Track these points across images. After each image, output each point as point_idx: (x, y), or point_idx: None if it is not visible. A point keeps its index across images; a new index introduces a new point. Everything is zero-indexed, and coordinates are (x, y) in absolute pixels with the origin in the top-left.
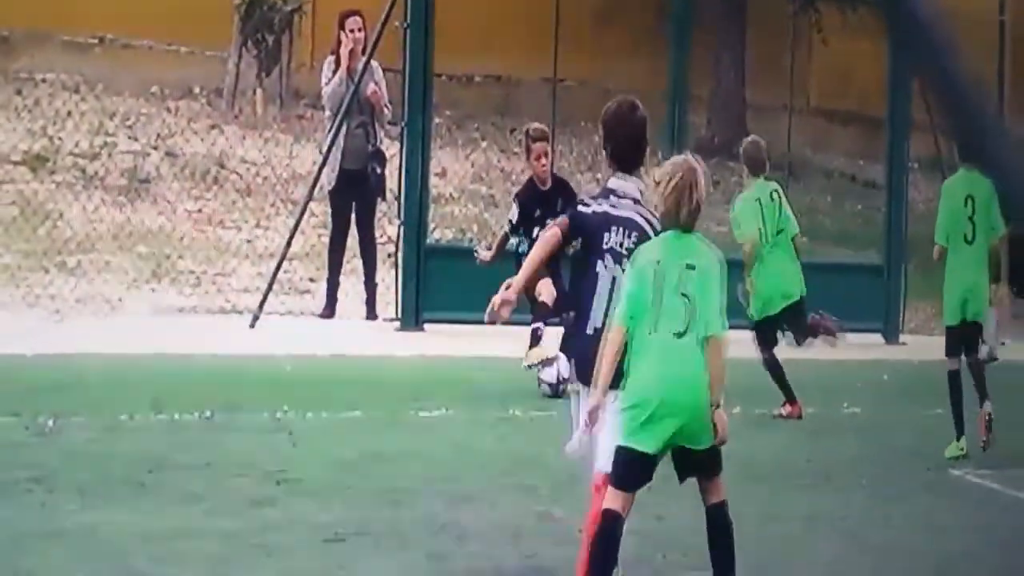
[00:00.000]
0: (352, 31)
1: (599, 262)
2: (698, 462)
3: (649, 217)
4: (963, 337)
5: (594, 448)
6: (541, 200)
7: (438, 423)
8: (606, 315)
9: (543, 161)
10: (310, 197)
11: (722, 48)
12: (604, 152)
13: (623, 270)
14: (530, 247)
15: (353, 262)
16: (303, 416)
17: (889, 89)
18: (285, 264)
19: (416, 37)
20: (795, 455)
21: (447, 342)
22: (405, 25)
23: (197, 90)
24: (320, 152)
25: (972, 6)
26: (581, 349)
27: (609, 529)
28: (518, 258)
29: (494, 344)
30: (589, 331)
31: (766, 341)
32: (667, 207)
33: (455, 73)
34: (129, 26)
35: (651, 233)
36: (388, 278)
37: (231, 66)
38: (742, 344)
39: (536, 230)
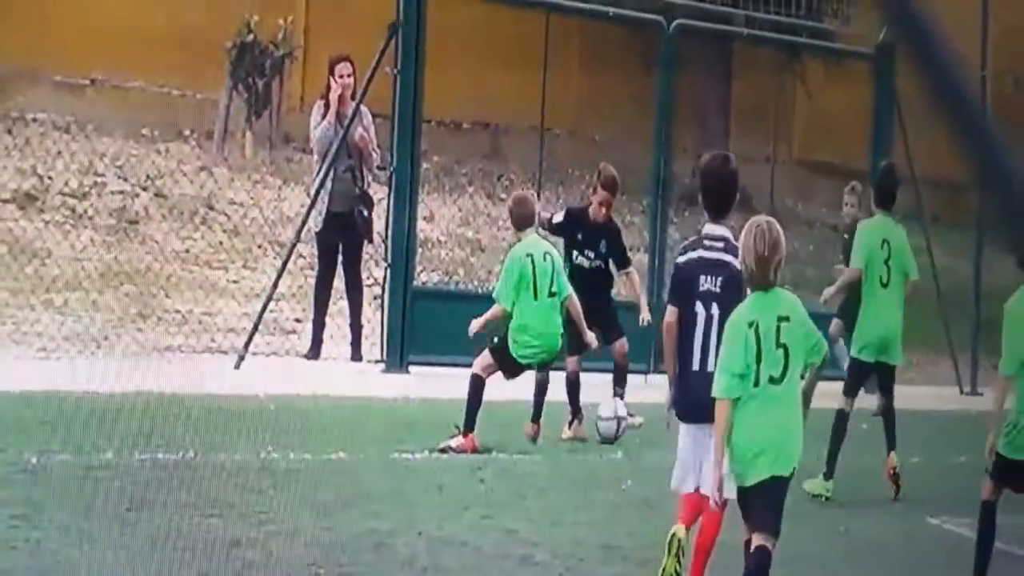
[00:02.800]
0: (342, 76)
1: (697, 304)
2: (766, 493)
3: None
4: (866, 377)
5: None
6: (588, 229)
7: (421, 465)
8: (702, 355)
9: (603, 211)
10: (297, 238)
11: (707, 98)
12: (701, 198)
13: (718, 309)
14: (572, 268)
15: (339, 303)
16: (286, 457)
17: (871, 141)
18: (271, 304)
19: (406, 83)
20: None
21: (432, 384)
22: (395, 71)
23: (187, 132)
24: (308, 195)
25: None
26: (685, 386)
27: (758, 564)
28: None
29: None
30: (692, 368)
31: (510, 371)
32: (761, 269)
33: (444, 119)
34: (121, 68)
35: (739, 268)
36: (374, 320)
37: (221, 109)
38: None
39: (575, 254)
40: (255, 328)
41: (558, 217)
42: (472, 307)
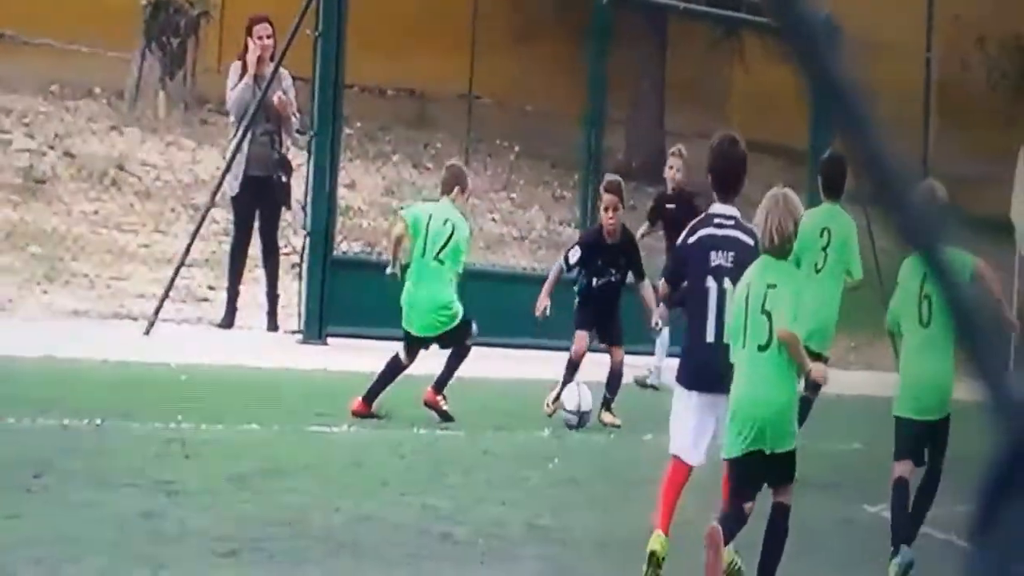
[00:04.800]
0: (261, 38)
1: (708, 278)
2: (774, 466)
3: (751, 233)
4: None
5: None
6: (604, 252)
7: (339, 439)
8: (717, 327)
9: (610, 214)
10: (212, 203)
11: (642, 72)
12: (709, 179)
13: (731, 283)
14: (589, 289)
15: (255, 271)
16: (197, 427)
17: (811, 120)
18: (184, 271)
19: (327, 46)
20: (708, 483)
21: (351, 357)
22: (316, 33)
23: (98, 91)
24: (224, 158)
25: (899, 42)
26: (697, 359)
27: (734, 515)
28: (580, 293)
29: None
30: (707, 340)
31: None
32: (772, 236)
33: (368, 84)
34: (30, 24)
35: (752, 245)
36: (291, 289)
37: (134, 67)
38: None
39: (594, 279)
40: (166, 294)
41: (574, 256)
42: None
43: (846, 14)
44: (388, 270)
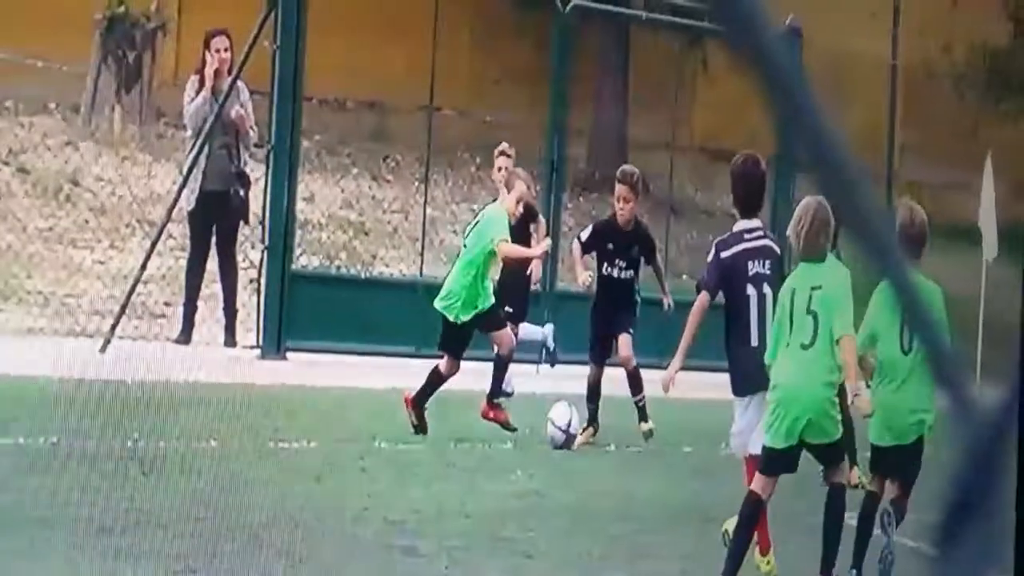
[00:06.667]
0: (218, 51)
1: (748, 287)
2: (821, 453)
3: (775, 240)
4: None
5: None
6: (617, 238)
7: (299, 455)
8: (760, 331)
9: (620, 204)
10: (168, 218)
11: (604, 81)
12: (732, 197)
13: (769, 287)
14: (600, 278)
15: (212, 286)
16: (154, 444)
17: (776, 129)
18: (140, 287)
19: (286, 59)
20: (673, 494)
21: (311, 371)
22: (275, 46)
23: (53, 106)
24: (180, 172)
25: (865, 50)
26: (745, 365)
27: (751, 508)
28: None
29: (360, 375)
30: (752, 344)
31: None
32: (808, 242)
33: (326, 97)
34: None
35: (780, 250)
36: (249, 304)
37: (89, 82)
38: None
39: (605, 265)
40: (122, 311)
41: (584, 234)
42: (354, 292)
43: (811, 22)
44: None
